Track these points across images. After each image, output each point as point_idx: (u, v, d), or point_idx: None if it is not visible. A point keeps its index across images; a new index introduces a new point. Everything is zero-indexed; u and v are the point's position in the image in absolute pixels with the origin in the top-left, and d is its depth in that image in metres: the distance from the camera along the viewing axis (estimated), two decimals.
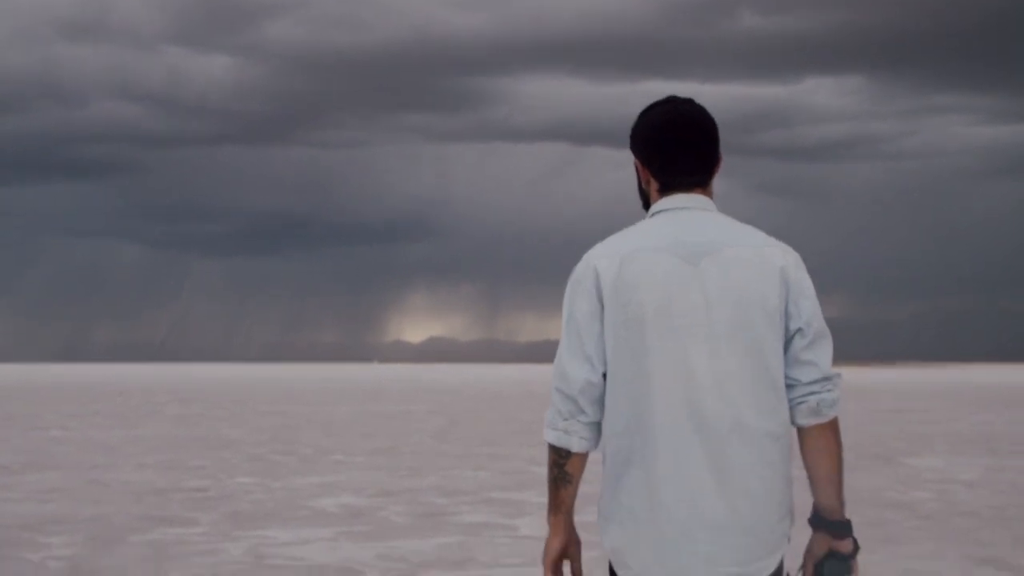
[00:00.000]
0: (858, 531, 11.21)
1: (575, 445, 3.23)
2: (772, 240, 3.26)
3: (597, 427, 3.24)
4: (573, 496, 3.28)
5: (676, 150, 3.26)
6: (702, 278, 3.15)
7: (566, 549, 3.28)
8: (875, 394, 55.47)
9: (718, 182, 3.36)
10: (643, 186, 3.37)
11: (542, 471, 16.16)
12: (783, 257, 3.21)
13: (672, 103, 3.33)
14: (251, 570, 9.40)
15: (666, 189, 3.30)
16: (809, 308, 3.19)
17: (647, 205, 3.37)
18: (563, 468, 3.26)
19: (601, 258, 3.21)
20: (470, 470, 17.24)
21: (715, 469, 3.12)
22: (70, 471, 16.89)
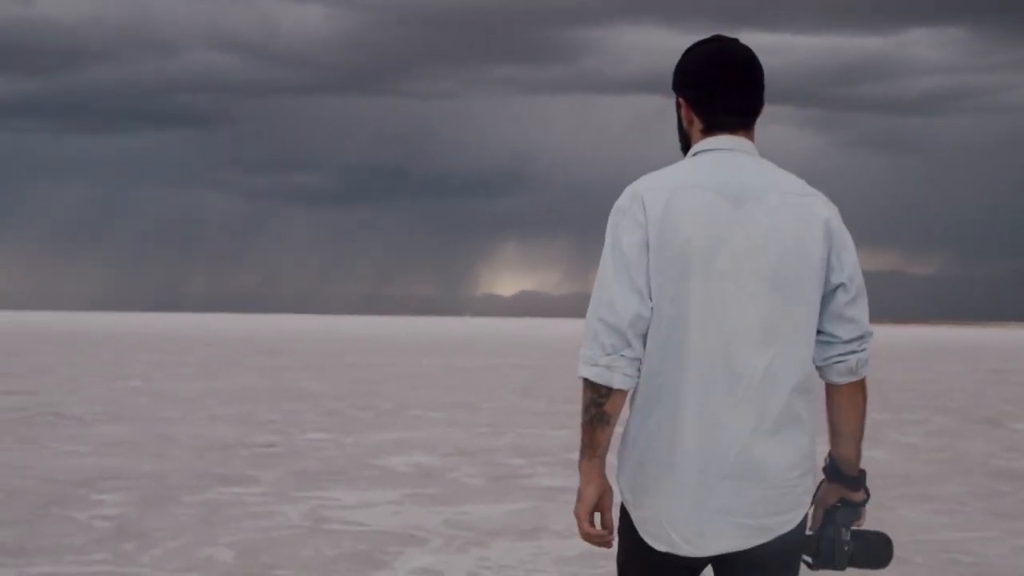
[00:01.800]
0: (965, 502, 10.25)
1: (617, 381, 3.08)
2: (813, 189, 3.17)
3: (639, 364, 3.09)
4: (609, 439, 3.15)
5: (724, 88, 3.17)
6: (747, 221, 3.07)
7: (601, 497, 3.17)
8: (978, 354, 53.96)
9: (817, 135, 2.73)
10: (684, 127, 3.26)
11: None
12: (826, 208, 3.13)
13: (720, 41, 3.23)
14: (306, 535, 8.75)
15: (710, 129, 3.19)
16: (851, 262, 3.12)
17: (686, 148, 3.26)
18: (602, 408, 3.10)
19: (648, 191, 3.10)
20: (550, 429, 16.51)
21: (741, 418, 3.04)
22: (140, 423, 16.42)
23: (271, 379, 27.12)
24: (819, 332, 3.13)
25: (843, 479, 3.25)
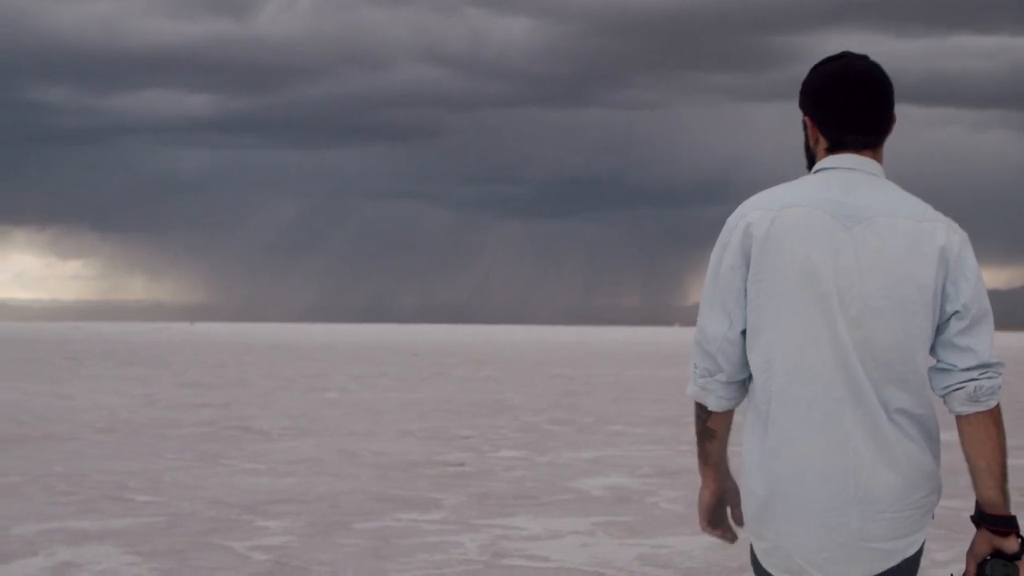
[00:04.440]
0: None
1: (712, 403, 3.12)
2: (938, 215, 3.04)
3: (737, 386, 3.09)
4: (720, 450, 3.18)
5: (848, 107, 3.08)
6: (855, 244, 2.98)
7: (720, 498, 3.21)
8: None
9: None
10: (810, 145, 3.19)
11: None
12: (946, 234, 3.00)
13: (846, 58, 3.15)
14: (482, 571, 7.78)
15: (834, 148, 3.12)
16: (969, 290, 2.99)
17: (811, 167, 3.18)
18: (705, 423, 3.16)
19: (755, 210, 3.05)
20: None
21: (863, 442, 2.95)
22: (327, 438, 15.75)
23: (472, 391, 26.40)
24: (938, 360, 3.04)
25: (988, 521, 3.03)
